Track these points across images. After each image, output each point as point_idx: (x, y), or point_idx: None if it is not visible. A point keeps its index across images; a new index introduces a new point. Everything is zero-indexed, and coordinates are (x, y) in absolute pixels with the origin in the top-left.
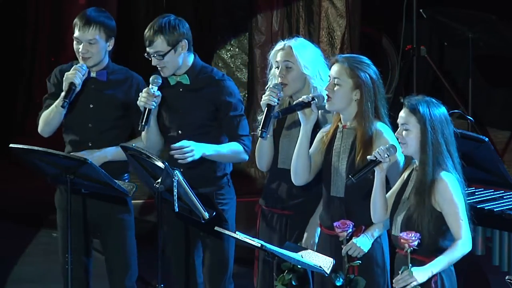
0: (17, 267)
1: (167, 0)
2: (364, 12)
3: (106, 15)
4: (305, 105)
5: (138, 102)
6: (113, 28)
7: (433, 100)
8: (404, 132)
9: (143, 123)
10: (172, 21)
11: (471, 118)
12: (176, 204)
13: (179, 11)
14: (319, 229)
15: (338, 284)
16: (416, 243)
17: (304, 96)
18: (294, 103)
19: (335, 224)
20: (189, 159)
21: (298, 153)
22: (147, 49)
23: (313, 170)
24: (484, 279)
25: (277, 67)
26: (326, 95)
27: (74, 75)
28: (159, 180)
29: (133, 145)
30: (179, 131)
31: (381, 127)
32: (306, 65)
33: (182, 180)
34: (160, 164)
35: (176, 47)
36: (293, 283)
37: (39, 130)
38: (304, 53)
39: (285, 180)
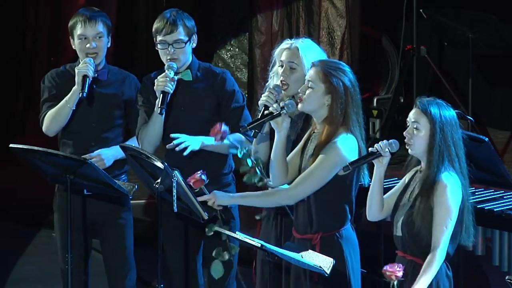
0: (17, 267)
1: (167, 0)
2: (364, 12)
3: (103, 12)
4: (275, 116)
5: (155, 87)
6: (110, 25)
7: (444, 102)
8: (414, 131)
9: (162, 106)
10: (184, 13)
11: (471, 118)
12: (175, 204)
13: None
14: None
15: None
16: (401, 273)
17: (274, 105)
18: (262, 114)
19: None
20: (187, 150)
21: (273, 158)
22: (163, 37)
23: (290, 174)
24: (484, 279)
25: (281, 66)
26: (299, 96)
27: (86, 68)
28: (159, 180)
29: (133, 145)
30: (182, 129)
31: (341, 138)
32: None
33: (182, 180)
34: (159, 164)
35: (191, 39)
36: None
37: (44, 129)
38: (310, 56)
39: None
